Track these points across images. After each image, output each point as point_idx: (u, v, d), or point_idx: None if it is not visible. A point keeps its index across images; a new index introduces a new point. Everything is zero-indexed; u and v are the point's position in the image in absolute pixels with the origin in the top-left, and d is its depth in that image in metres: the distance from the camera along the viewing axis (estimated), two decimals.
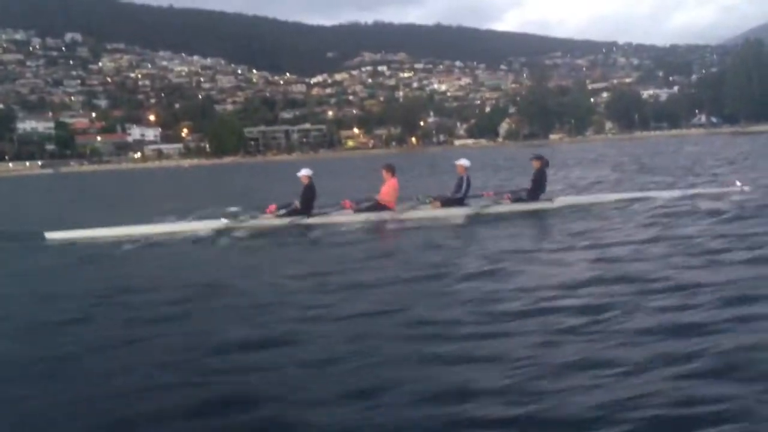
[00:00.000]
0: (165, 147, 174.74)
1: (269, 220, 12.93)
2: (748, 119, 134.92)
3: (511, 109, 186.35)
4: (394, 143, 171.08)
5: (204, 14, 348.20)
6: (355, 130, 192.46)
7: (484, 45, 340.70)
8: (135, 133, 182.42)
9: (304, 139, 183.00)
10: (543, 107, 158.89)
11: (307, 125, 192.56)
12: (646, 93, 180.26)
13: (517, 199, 13.53)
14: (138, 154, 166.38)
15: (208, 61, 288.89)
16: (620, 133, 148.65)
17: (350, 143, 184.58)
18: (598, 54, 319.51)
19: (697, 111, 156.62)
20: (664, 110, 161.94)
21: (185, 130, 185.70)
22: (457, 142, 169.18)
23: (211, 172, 73.35)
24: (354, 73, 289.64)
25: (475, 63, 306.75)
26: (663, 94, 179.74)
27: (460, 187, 13.41)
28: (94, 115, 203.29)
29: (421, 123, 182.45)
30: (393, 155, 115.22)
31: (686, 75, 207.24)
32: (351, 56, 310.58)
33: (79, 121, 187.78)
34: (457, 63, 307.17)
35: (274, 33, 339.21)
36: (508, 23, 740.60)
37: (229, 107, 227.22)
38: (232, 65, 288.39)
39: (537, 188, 13.61)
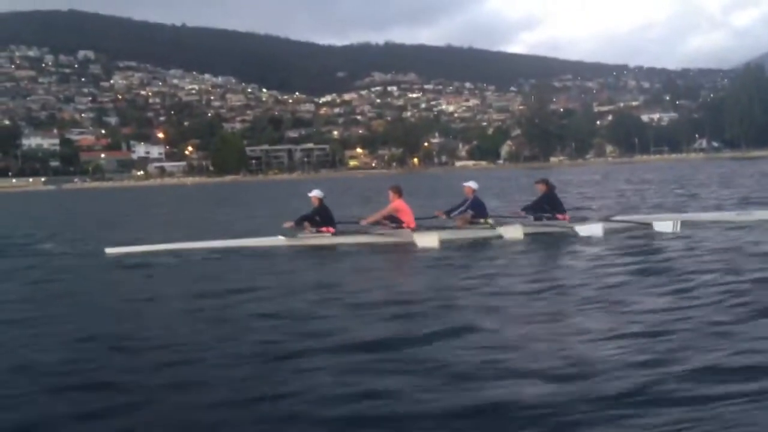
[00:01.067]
0: (168, 165, 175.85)
1: (327, 238, 13.03)
2: (749, 144, 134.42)
3: (516, 131, 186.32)
4: (394, 164, 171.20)
5: (216, 33, 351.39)
6: (358, 150, 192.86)
7: (495, 67, 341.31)
8: (140, 150, 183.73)
9: (306, 159, 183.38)
10: (544, 130, 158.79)
11: (311, 145, 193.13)
12: (649, 117, 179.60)
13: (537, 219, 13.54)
14: (141, 172, 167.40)
15: (219, 79, 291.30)
16: (620, 157, 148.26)
17: (353, 163, 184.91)
18: (608, 77, 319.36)
19: (697, 135, 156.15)
20: (665, 134, 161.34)
21: (190, 148, 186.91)
22: (458, 164, 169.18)
23: (205, 191, 73.95)
24: (363, 93, 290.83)
25: (484, 84, 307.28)
26: (665, 118, 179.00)
27: (459, 206, 13.47)
28: (103, 132, 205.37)
29: (426, 144, 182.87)
30: (393, 176, 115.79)
31: (693, 99, 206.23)
32: (361, 76, 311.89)
33: (85, 138, 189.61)
34: (467, 84, 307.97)
35: (285, 52, 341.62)
36: (519, 45, 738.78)
37: (238, 126, 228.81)
38: (243, 84, 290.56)
39: (555, 211, 13.54)
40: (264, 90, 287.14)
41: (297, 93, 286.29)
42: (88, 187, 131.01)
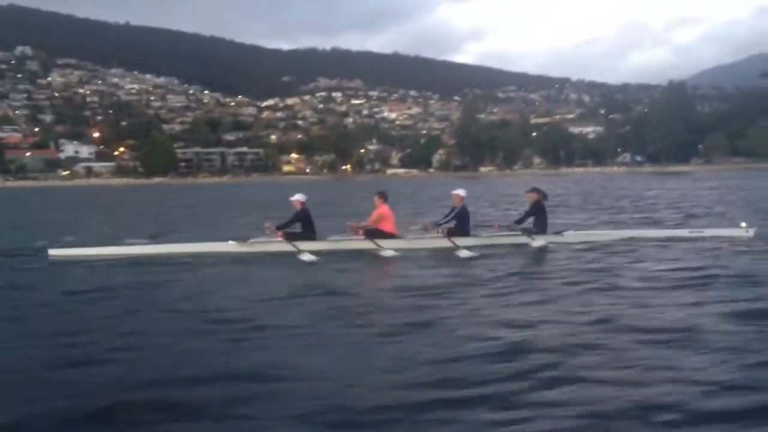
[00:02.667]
0: (96, 165, 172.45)
1: (280, 244, 12.95)
2: (669, 159, 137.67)
3: (453, 140, 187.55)
4: (326, 170, 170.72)
5: (161, 33, 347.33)
6: (293, 156, 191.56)
7: (440, 76, 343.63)
8: (69, 149, 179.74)
9: (237, 163, 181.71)
10: (474, 140, 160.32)
11: (244, 148, 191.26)
12: (579, 130, 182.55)
13: (526, 231, 13.59)
14: (66, 172, 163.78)
15: (161, 80, 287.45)
16: (547, 168, 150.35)
17: (287, 168, 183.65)
18: (551, 89, 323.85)
19: (620, 150, 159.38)
20: (591, 147, 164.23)
21: (122, 149, 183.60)
22: (389, 171, 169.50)
23: (121, 193, 73.21)
24: (306, 98, 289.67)
25: (429, 93, 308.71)
26: (592, 131, 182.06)
27: (449, 215, 13.53)
28: (36, 129, 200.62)
29: (362, 150, 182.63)
30: (322, 182, 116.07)
31: (627, 114, 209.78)
32: (306, 81, 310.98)
33: (12, 135, 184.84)
34: (412, 92, 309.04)
35: (230, 55, 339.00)
36: (468, 55, 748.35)
37: (177, 127, 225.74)
38: (185, 85, 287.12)
39: (539, 222, 13.62)
40: (207, 92, 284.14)
41: (240, 96, 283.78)
42: (9, 187, 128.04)
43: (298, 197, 13.44)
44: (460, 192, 13.71)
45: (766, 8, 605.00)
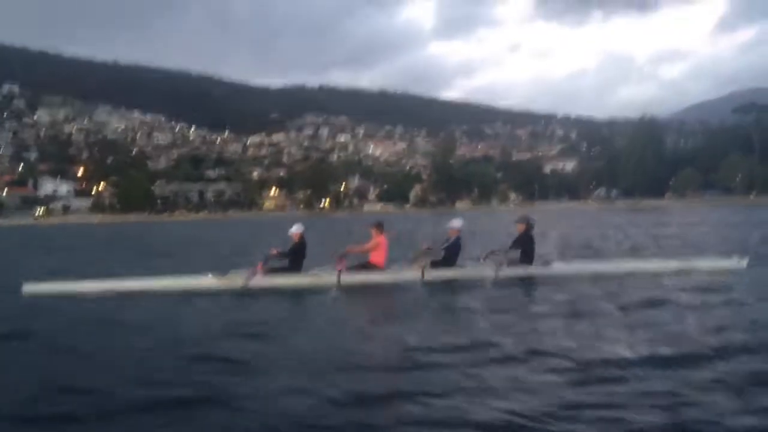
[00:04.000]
0: (74, 202, 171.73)
1: (258, 279, 12.74)
2: (642, 193, 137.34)
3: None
4: (302, 206, 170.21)
5: (148, 71, 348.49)
6: (272, 192, 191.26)
7: (428, 112, 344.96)
8: (47, 187, 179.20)
9: (212, 199, 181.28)
10: (449, 176, 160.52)
11: (222, 185, 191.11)
12: (557, 165, 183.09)
13: (511, 263, 13.10)
14: (40, 210, 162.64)
15: (148, 117, 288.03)
16: (522, 204, 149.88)
17: (267, 204, 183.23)
18: (537, 125, 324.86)
19: (593, 184, 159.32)
20: (566, 182, 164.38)
21: (101, 185, 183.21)
22: (366, 207, 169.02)
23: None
24: (291, 134, 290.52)
25: (416, 129, 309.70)
26: (568, 166, 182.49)
27: (446, 245, 13.25)
28: (21, 167, 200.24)
29: (342, 187, 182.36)
30: (297, 218, 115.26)
31: (609, 148, 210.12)
32: (294, 117, 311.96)
33: None
34: (398, 129, 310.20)
35: (218, 92, 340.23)
36: (455, 91, 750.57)
37: (162, 164, 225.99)
38: (172, 122, 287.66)
39: (527, 252, 13.24)
40: (193, 128, 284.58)
41: (227, 133, 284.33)
42: None
43: (295, 229, 13.30)
44: (456, 224, 13.47)
45: (746, 45, 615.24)
